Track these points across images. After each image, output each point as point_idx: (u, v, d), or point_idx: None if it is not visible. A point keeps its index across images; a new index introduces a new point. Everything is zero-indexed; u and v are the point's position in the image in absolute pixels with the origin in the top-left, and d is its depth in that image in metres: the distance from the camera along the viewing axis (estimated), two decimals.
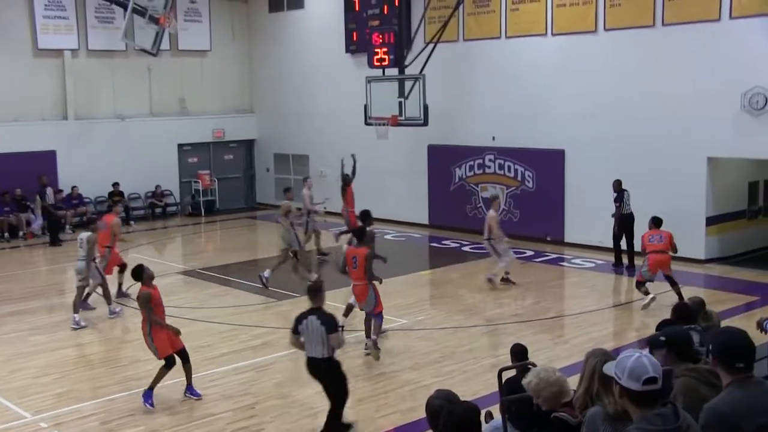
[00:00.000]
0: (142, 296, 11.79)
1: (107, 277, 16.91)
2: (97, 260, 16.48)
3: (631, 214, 19.65)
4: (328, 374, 10.23)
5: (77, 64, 27.71)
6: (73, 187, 26.83)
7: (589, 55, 21.47)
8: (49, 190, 25.57)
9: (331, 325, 10.05)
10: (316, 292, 10.38)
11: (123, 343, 14.92)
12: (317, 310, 10.22)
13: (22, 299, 18.23)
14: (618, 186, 19.75)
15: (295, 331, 10.25)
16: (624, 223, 19.67)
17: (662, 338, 6.56)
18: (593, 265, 20.20)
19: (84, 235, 16.41)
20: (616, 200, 19.72)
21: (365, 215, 16.02)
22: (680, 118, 19.85)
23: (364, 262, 13.45)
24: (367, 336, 13.82)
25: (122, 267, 17.71)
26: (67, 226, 26.20)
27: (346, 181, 21.76)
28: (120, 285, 17.89)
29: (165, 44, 28.23)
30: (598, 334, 14.65)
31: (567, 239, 22.40)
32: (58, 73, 27.42)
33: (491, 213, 18.21)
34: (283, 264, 18.95)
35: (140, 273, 11.92)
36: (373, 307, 13.65)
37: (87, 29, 27.60)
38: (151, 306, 11.74)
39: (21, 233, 25.71)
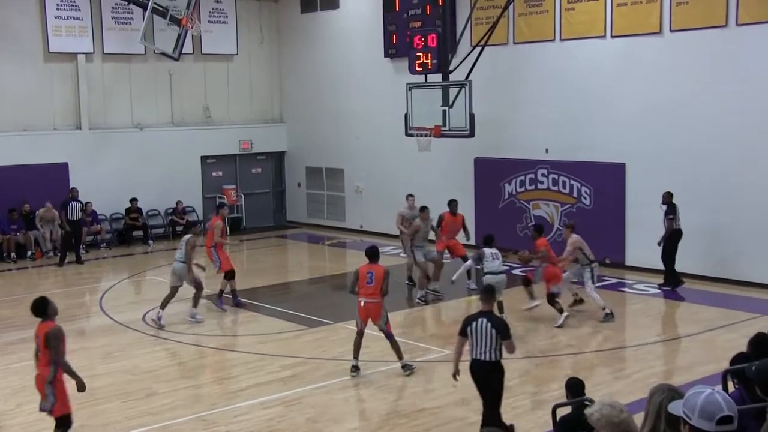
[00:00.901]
0: (54, 333, 10.77)
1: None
2: (193, 266, 18.12)
3: (680, 230, 19.74)
4: (494, 378, 10.76)
5: (92, 69, 27.99)
6: (87, 203, 26.98)
7: (652, 58, 21.31)
8: (74, 205, 25.04)
9: (504, 330, 10.72)
10: (490, 293, 11.10)
11: (138, 374, 14.92)
12: (488, 314, 10.85)
13: (30, 326, 18.16)
14: (668, 198, 19.68)
15: (463, 333, 10.83)
16: (674, 239, 19.77)
17: (754, 369, 6.37)
18: (657, 290, 19.99)
19: (185, 237, 18.35)
20: (668, 213, 19.69)
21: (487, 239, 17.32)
22: (762, 128, 19.64)
23: (383, 279, 13.94)
24: (400, 358, 14.29)
25: (229, 273, 19.11)
26: (81, 246, 26.39)
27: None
28: (222, 290, 19.19)
29: (187, 47, 28.45)
30: (663, 368, 14.50)
31: (628, 262, 22.21)
32: (70, 78, 27.71)
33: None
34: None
35: (44, 307, 11.00)
36: (386, 323, 14.18)
37: (102, 31, 27.86)
38: (62, 347, 10.79)
39: (29, 253, 25.96)
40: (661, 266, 20.32)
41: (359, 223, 28.94)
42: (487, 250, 17.13)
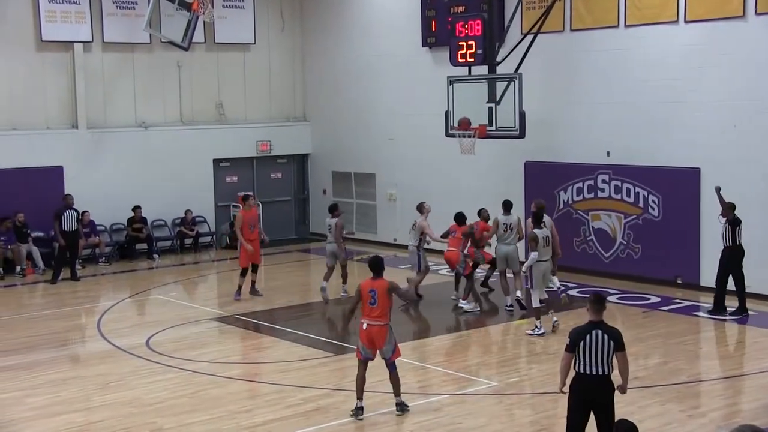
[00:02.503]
0: None
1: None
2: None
3: (741, 246, 19.66)
4: (608, 394, 10.83)
5: (90, 60, 28.12)
6: (84, 212, 27.02)
7: (734, 47, 21.14)
8: (69, 213, 25.03)
9: (620, 341, 10.82)
10: (601, 302, 11.05)
11: (140, 407, 14.84)
12: (601, 324, 10.89)
13: (17, 351, 18.32)
14: (731, 209, 19.60)
15: (572, 349, 10.82)
16: (735, 256, 19.64)
17: None
18: (738, 315, 19.74)
19: (331, 221, 22.26)
20: (732, 225, 19.52)
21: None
22: None
23: (387, 296, 13.56)
24: (396, 394, 13.96)
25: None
26: (78, 261, 26.45)
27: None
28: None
29: (198, 36, 28.50)
30: (746, 406, 14.31)
31: (703, 282, 21.97)
32: (66, 70, 27.84)
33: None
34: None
35: None
36: (392, 353, 13.79)
37: (102, 17, 27.96)
38: None
39: (18, 269, 25.99)
40: (741, 287, 20.13)
41: (393, 236, 28.84)
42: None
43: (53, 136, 27.61)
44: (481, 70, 22.15)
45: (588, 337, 10.75)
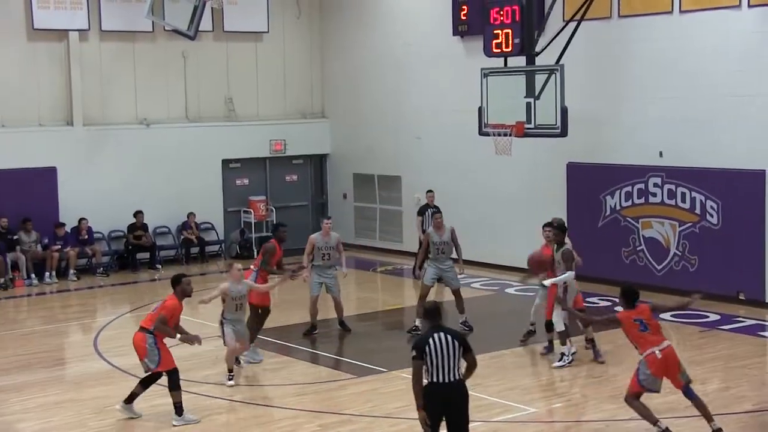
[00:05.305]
0: None
1: None
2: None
3: None
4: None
5: (87, 51, 28.21)
6: (81, 220, 27.14)
7: None
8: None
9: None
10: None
11: (137, 429, 14.82)
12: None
13: (6, 371, 18.35)
14: None
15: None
16: None
17: None
18: None
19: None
20: None
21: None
22: None
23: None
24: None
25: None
26: (71, 271, 26.44)
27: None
28: None
29: (206, 23, 28.52)
30: None
31: None
32: (60, 62, 27.95)
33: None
34: None
35: None
36: None
37: (100, 3, 28.04)
38: None
39: (1, 280, 25.87)
40: None
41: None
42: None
43: (46, 134, 27.70)
44: (519, 61, 22.09)
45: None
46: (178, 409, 14.66)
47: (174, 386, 14.69)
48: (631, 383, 13.57)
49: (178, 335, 14.98)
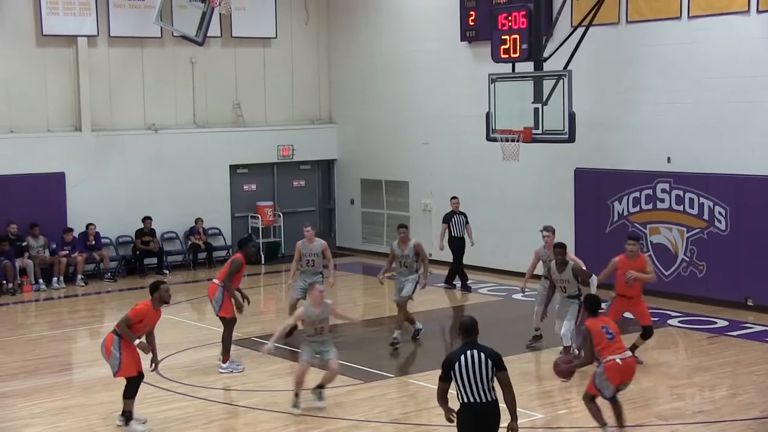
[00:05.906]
0: None
1: None
2: None
3: None
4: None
5: (95, 56, 28.20)
6: (89, 225, 27.18)
7: None
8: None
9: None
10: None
11: None
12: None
13: (13, 376, 18.33)
14: None
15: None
16: None
17: None
18: None
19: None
20: None
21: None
22: None
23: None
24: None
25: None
26: (79, 277, 26.49)
27: None
28: None
29: (214, 29, 28.48)
30: None
31: None
32: (69, 68, 27.95)
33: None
34: None
35: None
36: None
37: (109, 9, 28.05)
38: None
39: (9, 285, 25.87)
40: None
41: (428, 251, 28.60)
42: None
43: (54, 139, 27.70)
44: (527, 66, 22.03)
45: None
46: (127, 417, 14.62)
47: (128, 394, 14.63)
48: (588, 385, 13.88)
49: (137, 340, 14.79)
